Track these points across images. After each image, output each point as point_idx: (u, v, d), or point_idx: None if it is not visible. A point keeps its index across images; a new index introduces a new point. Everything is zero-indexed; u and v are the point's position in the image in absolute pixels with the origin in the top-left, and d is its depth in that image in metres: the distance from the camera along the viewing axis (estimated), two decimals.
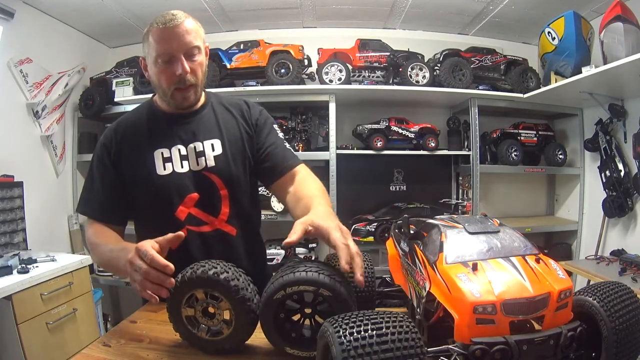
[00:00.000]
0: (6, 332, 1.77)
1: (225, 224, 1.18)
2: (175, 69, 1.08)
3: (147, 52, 1.12)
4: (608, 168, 2.58)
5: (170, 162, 1.14)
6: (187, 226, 1.14)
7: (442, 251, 0.69)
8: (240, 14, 2.95)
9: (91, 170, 1.19)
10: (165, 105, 1.19)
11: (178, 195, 1.13)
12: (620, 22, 2.03)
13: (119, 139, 1.17)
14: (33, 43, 2.58)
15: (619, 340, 0.62)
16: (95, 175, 1.17)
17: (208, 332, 0.83)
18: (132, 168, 1.15)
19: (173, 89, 1.11)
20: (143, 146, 1.15)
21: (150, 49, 1.09)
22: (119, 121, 1.23)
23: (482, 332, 0.59)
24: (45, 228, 2.69)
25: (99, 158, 1.17)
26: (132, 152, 1.15)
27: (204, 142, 1.17)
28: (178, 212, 1.13)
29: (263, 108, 1.29)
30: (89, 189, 1.19)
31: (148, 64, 1.14)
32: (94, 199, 1.17)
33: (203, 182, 1.15)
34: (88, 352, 0.86)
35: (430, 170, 3.13)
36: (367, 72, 2.80)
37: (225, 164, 1.16)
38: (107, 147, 1.17)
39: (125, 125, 1.20)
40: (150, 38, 1.08)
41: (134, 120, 1.22)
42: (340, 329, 0.54)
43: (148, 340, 0.91)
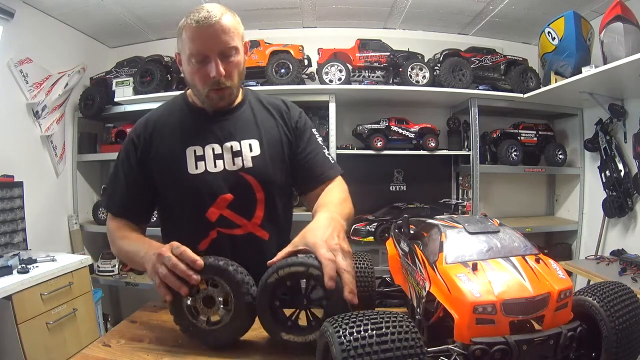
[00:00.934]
0: (6, 332, 1.77)
1: (259, 228, 1.13)
2: (209, 70, 1.02)
3: (180, 48, 1.07)
4: (608, 168, 2.58)
5: (203, 161, 1.09)
6: (218, 228, 1.11)
7: (442, 251, 0.69)
8: (240, 14, 2.86)
9: (116, 166, 1.15)
10: (201, 102, 1.14)
11: (210, 195, 1.09)
12: (620, 22, 2.03)
13: (148, 136, 1.12)
14: (33, 43, 2.57)
15: (619, 340, 0.62)
16: (119, 172, 1.14)
17: (208, 323, 0.85)
18: (163, 166, 1.10)
19: (208, 90, 1.06)
20: (175, 143, 1.10)
21: (184, 46, 1.04)
22: (149, 116, 1.17)
23: (482, 332, 0.59)
24: (45, 228, 2.69)
25: (126, 154, 1.13)
26: (163, 148, 1.11)
27: (242, 141, 1.11)
28: (209, 213, 1.09)
29: (302, 110, 1.24)
30: (113, 184, 1.17)
31: (182, 60, 1.09)
32: (117, 196, 1.15)
33: (238, 183, 1.10)
34: (88, 352, 0.86)
35: (430, 170, 3.13)
36: (367, 72, 2.80)
37: (263, 166, 1.11)
38: (134, 144, 1.12)
39: (155, 121, 1.15)
40: (184, 35, 1.03)
41: (166, 116, 1.16)
42: (340, 329, 0.54)
43: (148, 340, 0.91)
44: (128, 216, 1.15)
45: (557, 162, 2.87)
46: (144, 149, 1.11)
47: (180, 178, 1.09)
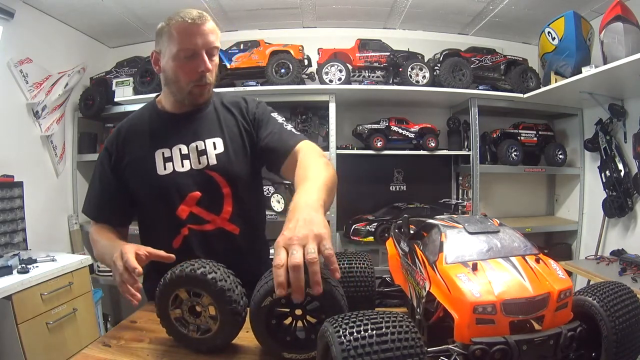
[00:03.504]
0: (6, 332, 1.77)
1: (228, 223, 1.17)
2: (197, 65, 1.08)
3: (164, 46, 1.11)
4: (608, 168, 2.58)
5: (171, 162, 1.14)
6: (189, 225, 1.14)
7: (442, 251, 0.69)
8: (240, 14, 2.95)
9: (94, 173, 1.22)
10: (170, 105, 1.19)
11: (179, 194, 1.13)
12: (620, 22, 2.03)
13: (120, 143, 1.18)
14: (33, 43, 2.58)
15: (619, 340, 0.62)
16: (96, 178, 1.21)
17: (198, 331, 0.83)
18: (134, 170, 1.15)
19: (192, 85, 1.11)
20: (144, 148, 1.15)
21: (171, 43, 1.08)
22: (121, 125, 1.23)
23: (482, 332, 0.59)
24: (45, 228, 2.69)
25: (100, 162, 1.20)
26: (133, 154, 1.16)
27: (206, 140, 1.16)
28: (179, 211, 1.14)
29: (261, 101, 1.28)
30: (91, 190, 1.24)
31: (163, 57, 1.12)
32: (94, 201, 1.22)
33: (205, 181, 1.14)
34: (88, 352, 0.86)
35: (430, 170, 3.13)
36: (367, 72, 2.80)
37: (227, 162, 1.15)
38: (108, 151, 1.18)
39: (127, 129, 1.21)
40: (173, 31, 1.07)
41: (135, 123, 1.22)
42: (340, 329, 0.54)
43: (148, 340, 0.91)
44: (106, 220, 1.21)
45: (557, 162, 2.87)
46: (117, 156, 1.17)
47: (150, 179, 1.13)
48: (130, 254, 0.88)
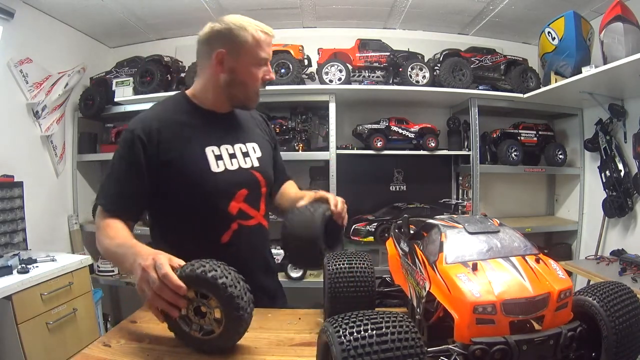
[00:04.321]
0: (6, 332, 1.77)
1: (263, 218, 1.28)
2: (266, 73, 1.19)
3: (239, 53, 1.14)
4: (608, 168, 2.58)
5: (222, 160, 1.18)
6: (238, 220, 1.20)
7: (442, 251, 0.69)
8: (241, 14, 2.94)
9: (116, 162, 1.14)
10: (211, 103, 1.22)
11: (231, 191, 1.19)
12: (620, 22, 2.03)
13: (156, 135, 1.13)
14: (33, 43, 2.58)
15: (619, 340, 0.62)
16: (120, 168, 1.13)
17: (201, 331, 0.82)
18: (184, 166, 1.14)
19: (258, 89, 1.21)
20: (193, 144, 1.16)
21: (251, 51, 1.15)
22: (150, 115, 1.18)
23: (482, 332, 0.59)
24: (45, 228, 2.69)
25: (130, 151, 1.12)
26: (181, 150, 1.14)
27: (247, 144, 1.26)
28: (230, 207, 1.18)
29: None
30: (112, 180, 1.15)
31: (236, 62, 1.15)
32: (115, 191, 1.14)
33: (251, 180, 1.23)
34: (88, 352, 0.86)
35: (430, 170, 3.13)
36: (367, 72, 2.80)
37: (265, 165, 1.29)
38: (142, 142, 1.11)
39: (161, 120, 1.16)
40: (252, 40, 1.14)
41: (169, 117, 1.18)
42: (340, 329, 0.54)
43: (148, 340, 0.91)
44: (122, 213, 1.14)
45: (557, 162, 2.87)
46: (157, 148, 1.12)
47: (205, 176, 1.15)
48: (167, 266, 0.81)
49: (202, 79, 1.22)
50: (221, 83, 1.18)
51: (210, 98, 1.21)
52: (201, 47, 1.19)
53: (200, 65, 1.23)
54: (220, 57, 1.15)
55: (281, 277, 2.66)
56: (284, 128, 2.80)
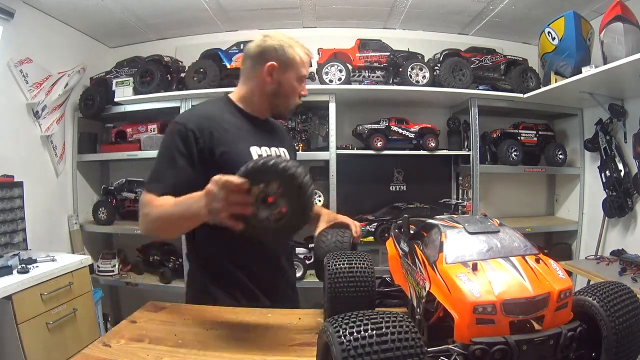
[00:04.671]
0: (6, 332, 1.77)
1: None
2: (303, 89, 1.35)
3: (286, 68, 1.29)
4: (608, 168, 2.58)
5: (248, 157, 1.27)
6: None
7: (442, 251, 0.69)
8: (240, 14, 2.95)
9: (169, 150, 1.20)
10: (253, 109, 1.34)
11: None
12: (620, 22, 2.03)
13: (209, 132, 1.21)
14: (33, 43, 2.58)
15: (619, 340, 0.62)
16: (174, 156, 1.19)
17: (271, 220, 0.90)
18: (231, 160, 1.20)
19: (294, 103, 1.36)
20: (239, 142, 1.26)
21: (296, 68, 1.30)
22: (199, 113, 1.31)
23: (482, 332, 0.59)
24: (45, 228, 2.69)
25: (184, 142, 1.19)
26: (229, 146, 1.23)
27: (279, 148, 1.37)
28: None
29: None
30: (167, 167, 1.20)
31: (282, 76, 1.29)
32: (168, 178, 1.18)
33: None
34: (88, 352, 0.86)
35: (430, 170, 3.13)
36: (367, 72, 2.80)
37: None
38: (195, 136, 1.20)
39: (209, 120, 1.25)
40: (298, 58, 1.30)
41: (217, 115, 1.28)
42: (340, 329, 0.54)
43: (148, 340, 0.91)
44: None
45: (557, 162, 2.87)
46: (208, 142, 1.21)
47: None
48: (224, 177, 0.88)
49: (248, 86, 1.33)
50: (267, 92, 1.31)
51: (255, 104, 1.33)
52: (251, 58, 1.31)
53: (246, 73, 1.34)
54: (270, 69, 1.28)
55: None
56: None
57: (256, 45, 1.31)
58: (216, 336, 0.95)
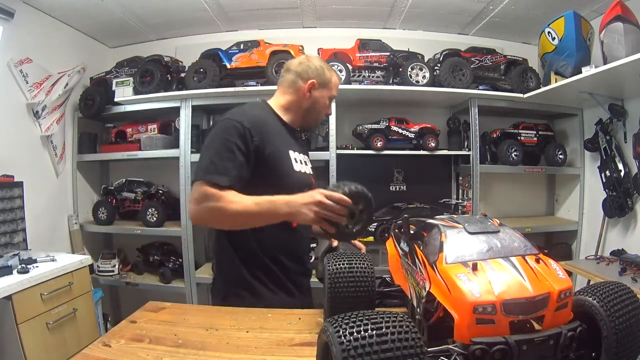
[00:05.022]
0: (6, 332, 1.77)
1: None
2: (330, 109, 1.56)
3: (323, 87, 1.47)
4: (608, 168, 2.57)
5: (297, 163, 1.44)
6: None
7: (442, 251, 0.69)
8: (240, 14, 2.95)
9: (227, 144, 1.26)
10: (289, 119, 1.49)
11: (301, 188, 1.34)
12: (620, 22, 2.03)
13: (260, 132, 1.32)
14: (33, 43, 2.58)
15: (619, 340, 0.62)
16: (233, 150, 1.26)
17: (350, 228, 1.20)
18: (277, 160, 1.36)
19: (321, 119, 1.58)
20: (281, 145, 1.39)
21: (329, 89, 1.49)
22: (250, 113, 1.39)
23: (482, 332, 0.59)
24: (45, 228, 2.69)
25: (241, 138, 1.27)
26: (275, 147, 1.36)
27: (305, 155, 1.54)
28: None
29: None
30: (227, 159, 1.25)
31: (319, 94, 1.47)
32: (230, 170, 1.25)
33: (309, 183, 1.49)
34: (88, 352, 0.86)
35: (430, 170, 3.13)
36: (367, 72, 2.80)
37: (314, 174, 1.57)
38: (250, 134, 1.29)
39: (259, 121, 1.36)
40: (333, 80, 1.50)
41: (264, 120, 1.39)
42: (340, 329, 0.54)
43: (148, 340, 0.92)
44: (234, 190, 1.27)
45: (557, 162, 2.87)
46: (259, 141, 1.31)
47: (290, 172, 1.40)
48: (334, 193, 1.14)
49: (287, 97, 1.48)
50: (304, 106, 1.47)
51: (291, 114, 1.48)
52: (294, 73, 1.47)
53: (287, 85, 1.48)
54: (311, 86, 1.45)
55: None
56: None
57: (299, 62, 1.48)
58: (216, 336, 0.95)
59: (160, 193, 2.98)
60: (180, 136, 2.76)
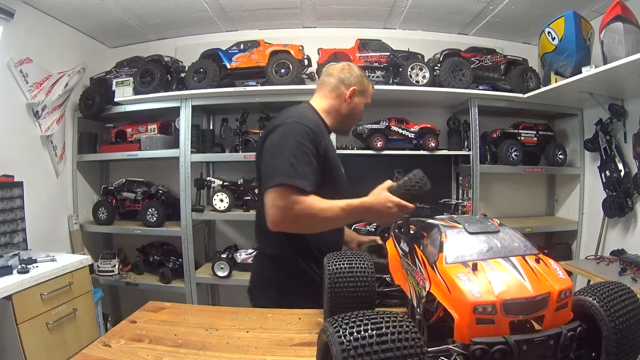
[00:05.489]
0: (6, 332, 1.77)
1: None
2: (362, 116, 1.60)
3: (362, 94, 1.53)
4: (608, 168, 2.57)
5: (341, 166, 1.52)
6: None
7: (442, 251, 0.69)
8: (240, 14, 2.95)
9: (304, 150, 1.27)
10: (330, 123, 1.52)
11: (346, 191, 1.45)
12: (620, 22, 2.03)
13: (322, 136, 1.37)
14: (33, 43, 2.57)
15: (619, 340, 0.62)
16: (308, 154, 1.28)
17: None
18: (334, 164, 1.43)
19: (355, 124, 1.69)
20: (333, 150, 1.46)
21: (366, 97, 1.55)
22: (310, 117, 1.41)
23: (482, 332, 0.59)
24: (45, 228, 2.69)
25: (312, 143, 1.30)
26: (331, 152, 1.42)
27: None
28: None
29: None
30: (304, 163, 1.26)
31: (358, 101, 1.52)
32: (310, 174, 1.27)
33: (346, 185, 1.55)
34: (88, 352, 0.86)
35: (430, 170, 3.09)
36: (367, 72, 2.80)
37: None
38: (318, 138, 1.33)
39: (321, 126, 1.43)
40: (370, 90, 1.56)
41: (319, 126, 1.42)
42: (340, 329, 0.54)
43: (148, 340, 0.92)
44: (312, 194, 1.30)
45: (557, 162, 2.86)
46: (324, 148, 1.35)
47: (342, 178, 1.51)
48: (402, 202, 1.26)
49: (329, 101, 1.51)
50: (343, 111, 1.51)
51: (331, 118, 1.51)
52: (336, 78, 1.50)
53: (329, 89, 1.51)
54: (353, 93, 1.50)
55: None
56: None
57: (341, 68, 1.52)
58: (216, 336, 0.95)
59: (160, 193, 2.98)
60: (180, 136, 2.76)
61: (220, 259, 2.72)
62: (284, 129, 1.31)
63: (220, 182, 2.86)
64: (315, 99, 1.54)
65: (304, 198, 1.22)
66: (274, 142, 1.30)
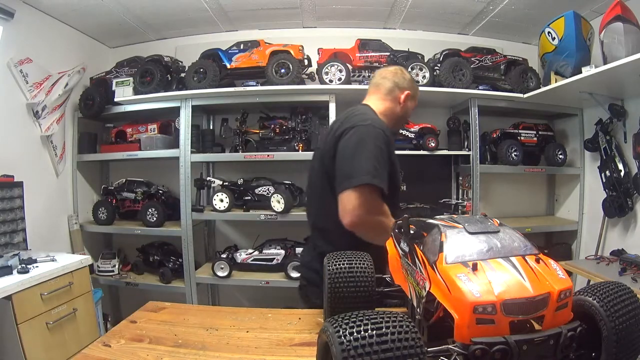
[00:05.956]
0: (6, 332, 1.77)
1: None
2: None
3: (413, 99, 1.58)
4: (608, 168, 2.57)
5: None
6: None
7: (442, 251, 0.69)
8: (240, 14, 2.95)
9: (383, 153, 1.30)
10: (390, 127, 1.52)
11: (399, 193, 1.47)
12: (620, 22, 2.03)
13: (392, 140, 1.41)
14: (33, 43, 2.58)
15: (619, 340, 0.62)
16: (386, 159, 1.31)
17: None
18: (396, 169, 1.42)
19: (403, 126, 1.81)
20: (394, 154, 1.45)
21: (416, 101, 1.60)
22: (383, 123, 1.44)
23: (482, 332, 0.59)
24: (45, 228, 2.69)
25: (386, 146, 1.33)
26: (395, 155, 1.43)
27: None
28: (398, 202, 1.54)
29: None
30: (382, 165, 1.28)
31: (410, 104, 1.57)
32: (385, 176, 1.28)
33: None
34: (88, 352, 0.86)
35: (430, 170, 3.12)
36: (367, 72, 2.80)
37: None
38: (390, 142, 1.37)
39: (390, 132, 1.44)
40: (419, 94, 1.61)
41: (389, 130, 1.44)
42: (340, 329, 0.54)
43: (148, 340, 0.92)
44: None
45: (557, 162, 2.86)
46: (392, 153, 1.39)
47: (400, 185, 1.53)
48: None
49: (386, 104, 1.54)
50: (396, 114, 1.55)
51: (385, 120, 1.51)
52: (392, 81, 1.54)
53: (384, 92, 1.55)
54: (407, 96, 1.54)
55: (281, 277, 2.66)
56: (284, 128, 2.80)
57: (394, 72, 1.56)
58: (216, 336, 0.95)
59: (160, 193, 2.98)
60: (180, 136, 2.76)
61: (220, 259, 2.72)
62: (363, 131, 1.33)
63: (220, 182, 2.86)
64: (371, 100, 1.56)
65: (387, 209, 1.28)
66: (352, 143, 1.30)
